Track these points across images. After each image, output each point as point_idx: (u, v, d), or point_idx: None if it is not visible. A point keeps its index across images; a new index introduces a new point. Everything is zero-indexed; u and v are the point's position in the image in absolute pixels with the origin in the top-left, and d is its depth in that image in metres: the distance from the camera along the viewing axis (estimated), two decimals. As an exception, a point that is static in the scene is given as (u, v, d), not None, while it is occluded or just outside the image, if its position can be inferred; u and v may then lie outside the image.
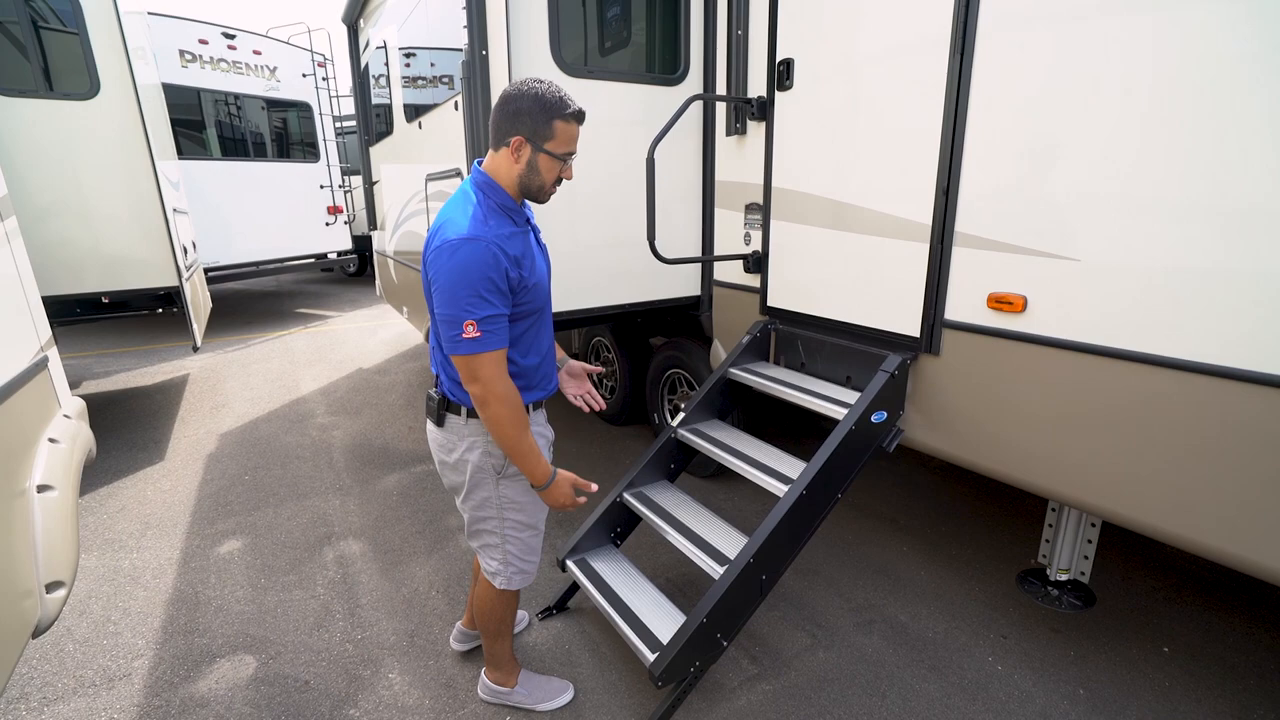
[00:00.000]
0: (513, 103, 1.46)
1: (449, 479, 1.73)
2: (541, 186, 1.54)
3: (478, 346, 1.42)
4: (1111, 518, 1.72)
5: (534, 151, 1.49)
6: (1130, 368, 1.57)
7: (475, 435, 1.63)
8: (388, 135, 4.65)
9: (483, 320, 1.41)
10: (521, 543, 1.75)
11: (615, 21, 2.88)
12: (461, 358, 1.44)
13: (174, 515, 3.13)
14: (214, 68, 7.10)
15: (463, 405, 1.61)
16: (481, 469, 1.65)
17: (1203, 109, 1.39)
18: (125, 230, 4.09)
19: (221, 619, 2.36)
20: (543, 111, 1.46)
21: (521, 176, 1.51)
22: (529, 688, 1.97)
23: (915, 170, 2.00)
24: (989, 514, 3.03)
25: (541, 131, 1.47)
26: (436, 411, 1.66)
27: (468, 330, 1.40)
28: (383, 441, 4.06)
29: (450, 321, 1.42)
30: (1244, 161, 1.34)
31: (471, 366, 1.44)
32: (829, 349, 2.43)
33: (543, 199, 1.59)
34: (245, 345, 6.68)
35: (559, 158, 1.51)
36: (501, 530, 1.72)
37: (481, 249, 1.40)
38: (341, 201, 8.49)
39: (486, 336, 1.42)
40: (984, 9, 1.77)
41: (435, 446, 1.73)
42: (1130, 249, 1.54)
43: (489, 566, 1.78)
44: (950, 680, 2.04)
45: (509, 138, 1.48)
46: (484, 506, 1.70)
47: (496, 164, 1.53)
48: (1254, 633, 2.23)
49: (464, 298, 1.40)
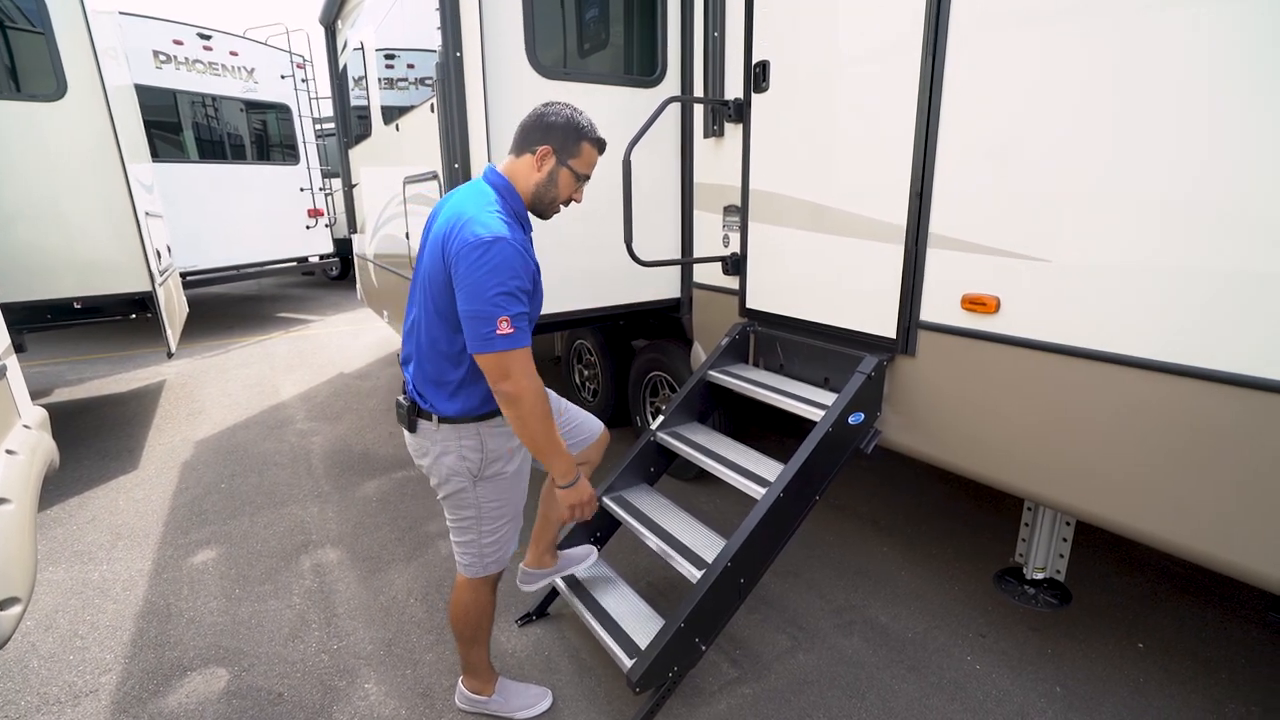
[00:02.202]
0: (547, 116, 1.53)
1: (429, 480, 1.73)
2: (554, 199, 1.59)
3: (512, 343, 1.40)
4: (1085, 516, 1.73)
5: (558, 164, 1.54)
6: (1100, 368, 1.58)
7: (448, 440, 1.61)
8: (366, 138, 4.60)
9: (515, 317, 1.40)
10: (497, 537, 1.75)
11: (593, 23, 2.87)
12: (494, 355, 1.41)
13: (146, 525, 3.07)
14: (189, 69, 6.99)
15: (433, 412, 1.59)
16: (457, 473, 1.63)
17: (1169, 111, 1.41)
18: (96, 234, 4.01)
19: (194, 631, 2.32)
20: (575, 130, 1.54)
21: (539, 185, 1.55)
22: (506, 695, 1.95)
23: (889, 172, 2.01)
24: (968, 513, 3.05)
25: (570, 147, 1.54)
26: (407, 418, 1.64)
27: (502, 327, 1.38)
28: (363, 447, 4.01)
29: (482, 319, 1.39)
30: (1211, 163, 1.36)
31: (505, 364, 1.42)
32: (807, 351, 2.43)
33: (549, 214, 1.63)
34: (224, 350, 6.58)
35: (578, 176, 1.58)
36: (479, 528, 1.72)
37: (513, 249, 1.41)
38: (322, 204, 8.39)
39: (519, 333, 1.41)
40: (955, 12, 1.78)
41: (411, 450, 1.72)
42: (1098, 250, 1.55)
43: (463, 559, 1.77)
44: (929, 680, 2.05)
45: (537, 146, 1.53)
46: (462, 508, 1.69)
47: (516, 169, 1.56)
48: (1226, 627, 2.26)
49: (497, 295, 1.38)
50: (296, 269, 8.61)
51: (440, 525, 3.01)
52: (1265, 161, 1.28)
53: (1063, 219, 1.61)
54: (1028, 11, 1.63)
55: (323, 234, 8.43)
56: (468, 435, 1.60)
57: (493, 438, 1.62)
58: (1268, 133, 1.28)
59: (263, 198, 7.79)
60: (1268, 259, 1.30)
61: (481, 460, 1.62)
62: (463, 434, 1.60)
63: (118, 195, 3.97)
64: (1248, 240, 1.32)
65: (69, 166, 3.88)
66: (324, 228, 8.43)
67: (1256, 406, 1.34)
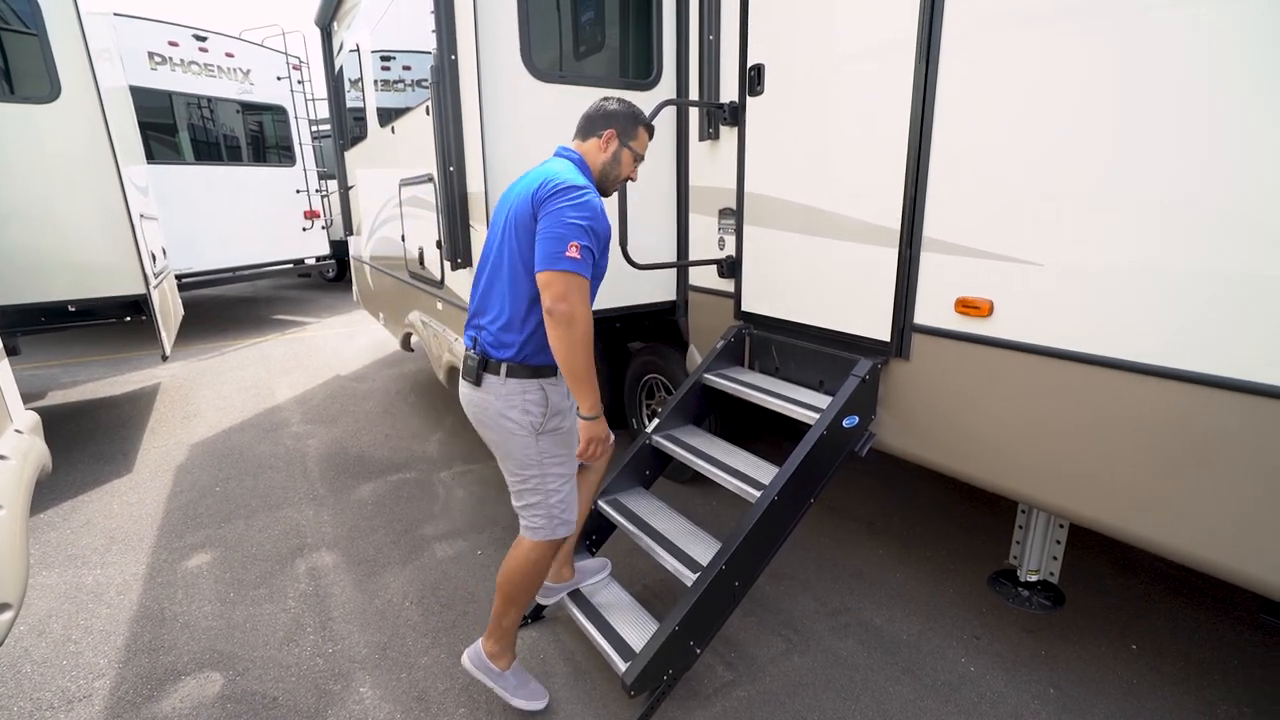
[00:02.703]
0: (608, 105, 1.79)
1: (487, 438, 1.80)
2: (617, 177, 1.82)
3: (577, 267, 1.54)
4: (1078, 519, 1.74)
5: (620, 146, 1.78)
6: (1091, 371, 1.59)
7: (513, 394, 1.70)
8: (362, 140, 4.60)
9: (584, 248, 1.55)
10: (561, 496, 1.82)
11: (589, 26, 2.88)
12: (559, 274, 1.53)
13: (141, 529, 3.06)
14: (185, 70, 6.98)
15: (502, 363, 1.69)
16: (521, 426, 1.72)
17: (1161, 115, 1.42)
18: (90, 237, 4.00)
19: (188, 635, 2.31)
20: (633, 116, 1.80)
21: (605, 165, 1.78)
22: (517, 677, 1.95)
23: (883, 175, 2.02)
24: (963, 515, 3.05)
25: (629, 131, 1.79)
26: (475, 372, 1.73)
27: (571, 250, 1.53)
28: (359, 450, 4.00)
29: (557, 239, 1.54)
30: (1202, 168, 1.37)
31: (567, 283, 1.54)
32: (802, 354, 2.44)
33: (611, 190, 1.84)
34: (220, 353, 6.56)
35: (635, 156, 1.83)
36: (544, 486, 1.78)
37: (600, 204, 1.64)
38: (318, 206, 8.38)
39: (584, 262, 1.55)
40: (948, 16, 1.79)
41: (472, 408, 1.78)
42: (1089, 254, 1.56)
43: (533, 523, 1.81)
44: (924, 682, 2.05)
45: (602, 130, 1.77)
46: (525, 464, 1.76)
47: (585, 150, 1.79)
48: (1218, 629, 2.28)
49: (576, 226, 1.55)
50: (292, 271, 8.59)
51: (436, 528, 3.01)
52: (1256, 166, 1.29)
53: (1054, 223, 1.62)
54: (1019, 16, 1.63)
55: (319, 236, 8.42)
56: (531, 389, 1.71)
57: (554, 391, 1.74)
58: (1258, 138, 1.29)
59: (258, 199, 7.78)
60: (1256, 263, 1.31)
61: (544, 413, 1.72)
62: (527, 388, 1.70)
63: (112, 197, 3.96)
64: (1236, 246, 1.33)
65: (63, 169, 3.87)
66: (320, 229, 8.41)
67: (1246, 410, 1.35)
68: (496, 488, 3.41)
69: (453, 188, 2.52)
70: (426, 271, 3.39)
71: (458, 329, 3.13)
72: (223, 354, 6.52)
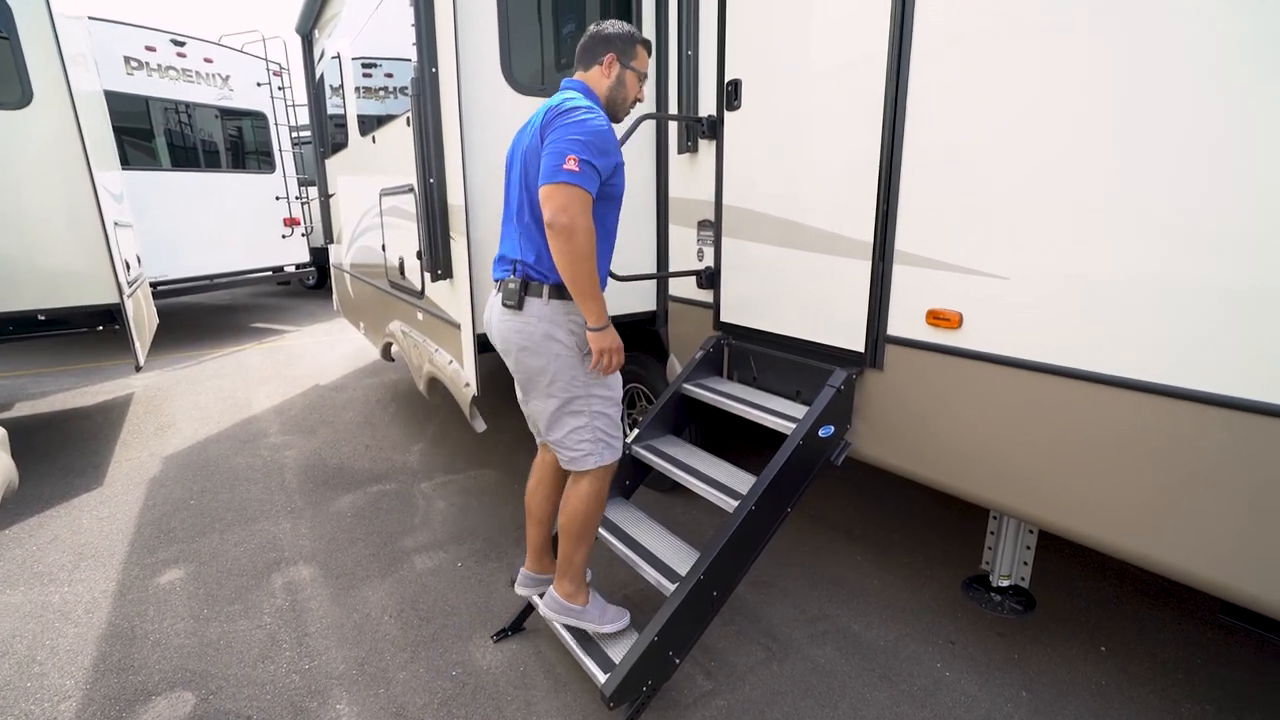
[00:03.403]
0: (604, 30, 1.81)
1: (528, 365, 1.82)
2: (625, 99, 1.86)
3: (575, 179, 1.58)
4: (1045, 526, 1.79)
5: (622, 68, 1.82)
6: (1056, 382, 1.64)
7: (556, 315, 1.75)
8: (343, 148, 4.58)
9: (584, 162, 1.58)
10: (608, 418, 1.86)
11: (569, 39, 2.90)
12: (557, 185, 1.58)
13: (111, 545, 3.00)
14: (162, 75, 6.89)
15: (544, 285, 1.74)
16: (567, 346, 1.77)
17: (1122, 132, 1.47)
18: (62, 245, 3.93)
19: (159, 654, 2.27)
20: (629, 36, 1.82)
21: (611, 89, 1.82)
22: (599, 607, 2.01)
23: (856, 189, 2.06)
24: (939, 521, 3.10)
25: (628, 51, 1.82)
26: (517, 294, 1.76)
27: (569, 163, 1.57)
28: (338, 461, 3.96)
29: (558, 154, 1.58)
30: (1161, 184, 1.42)
31: (566, 195, 1.58)
32: (779, 364, 2.47)
33: (621, 115, 1.88)
34: (196, 362, 6.46)
35: (639, 75, 1.86)
36: (589, 408, 1.82)
37: (606, 125, 1.68)
38: (299, 213, 8.30)
39: (584, 175, 1.59)
40: (917, 34, 1.84)
41: (514, 334, 1.80)
42: (1052, 268, 1.61)
43: (578, 450, 1.85)
44: (900, 688, 2.08)
45: (602, 55, 1.80)
46: (570, 386, 1.79)
47: (589, 78, 1.82)
48: (1183, 629, 2.34)
49: (578, 140, 1.59)
50: (272, 278, 8.49)
51: (416, 540, 2.99)
52: (1212, 181, 1.35)
53: (1018, 237, 1.67)
54: (985, 34, 1.69)
55: (299, 243, 8.33)
56: (574, 310, 1.76)
57: None
58: (1215, 153, 1.34)
59: (237, 206, 7.68)
60: (1215, 275, 1.36)
61: (586, 331, 1.76)
62: (570, 309, 1.76)
63: (85, 204, 3.90)
64: (1194, 260, 1.38)
65: (34, 175, 3.80)
66: (300, 236, 8.32)
67: (1207, 421, 1.40)
68: (478, 498, 3.40)
69: (433, 199, 2.53)
70: (407, 282, 3.38)
71: (439, 339, 3.12)
72: (199, 363, 6.42)
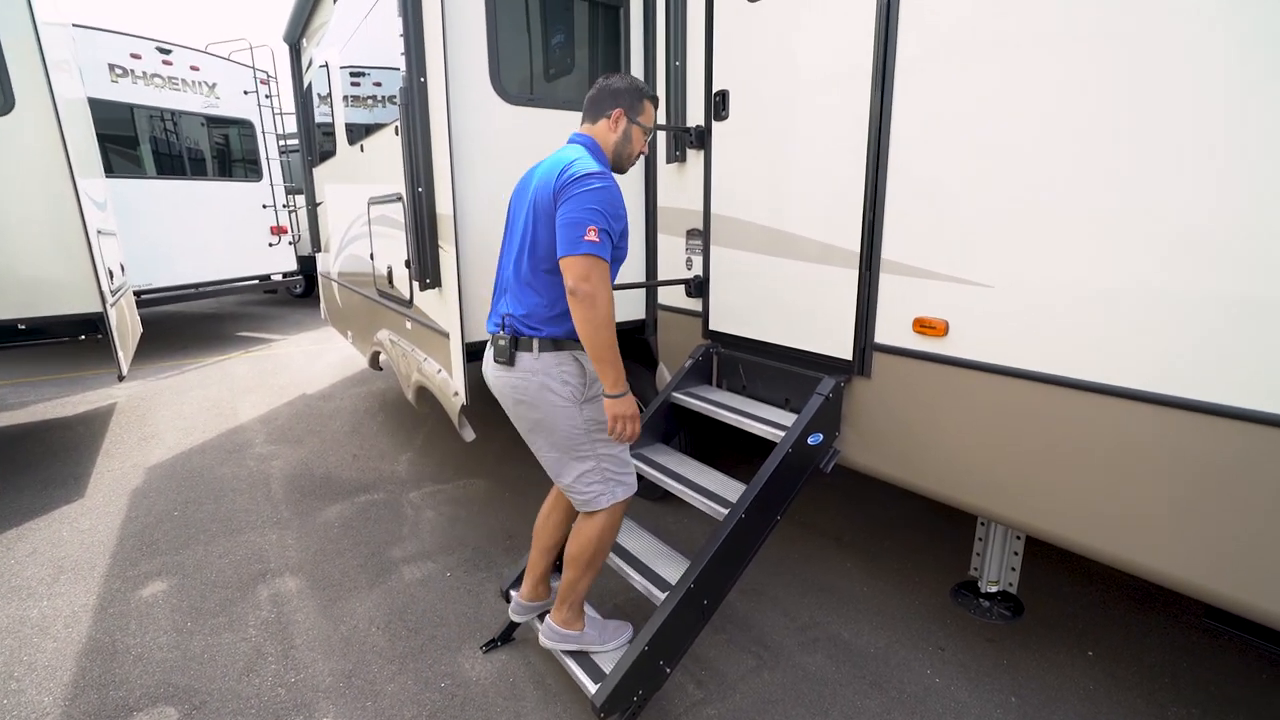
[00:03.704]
0: (611, 85, 1.83)
1: (527, 418, 1.83)
2: (630, 154, 1.88)
3: (596, 249, 1.61)
4: (1032, 531, 1.80)
5: (629, 123, 1.83)
6: (1040, 389, 1.66)
7: (549, 368, 1.77)
8: (331, 156, 4.57)
9: (602, 232, 1.62)
10: (614, 457, 1.86)
11: (557, 50, 2.92)
12: (579, 257, 1.61)
13: (92, 557, 2.94)
14: (147, 83, 6.83)
15: (534, 338, 1.75)
16: (563, 397, 1.78)
17: (1101, 143, 1.50)
18: (43, 253, 3.87)
19: (141, 668, 2.23)
20: (636, 91, 1.84)
21: (617, 144, 1.84)
22: (597, 629, 2.01)
23: (843, 199, 2.09)
24: (929, 527, 3.12)
25: (636, 106, 1.83)
26: (508, 352, 1.77)
27: (589, 234, 1.60)
28: (325, 471, 3.92)
29: (576, 225, 1.61)
30: (1141, 194, 1.45)
31: (588, 265, 1.61)
32: (768, 372, 2.48)
33: (626, 167, 1.90)
34: (180, 371, 6.38)
35: (645, 130, 1.88)
36: (594, 451, 1.82)
37: (616, 190, 1.69)
38: (286, 221, 8.24)
39: (603, 245, 1.62)
40: (901, 47, 1.87)
41: (508, 389, 1.82)
42: (1035, 277, 1.64)
43: (588, 493, 1.85)
44: (891, 695, 2.08)
45: (610, 110, 1.81)
46: (572, 435, 1.79)
47: (596, 133, 1.84)
48: (1169, 633, 2.36)
49: (595, 211, 1.62)
50: (259, 287, 8.42)
51: (405, 550, 2.96)
52: (1193, 191, 1.38)
53: (1001, 246, 1.70)
54: (967, 47, 1.72)
55: (286, 251, 8.27)
56: (566, 360, 1.77)
57: (588, 360, 1.77)
58: (1196, 163, 1.37)
59: (224, 214, 7.62)
60: (1195, 283, 1.39)
61: (584, 382, 1.79)
62: (562, 360, 1.77)
63: (67, 212, 3.85)
64: (1174, 268, 1.41)
65: (16, 182, 3.74)
66: (288, 245, 8.27)
67: (1191, 428, 1.42)
68: (467, 507, 3.38)
69: (421, 208, 2.52)
70: (395, 290, 3.36)
71: (427, 348, 3.11)
72: (183, 372, 6.34)
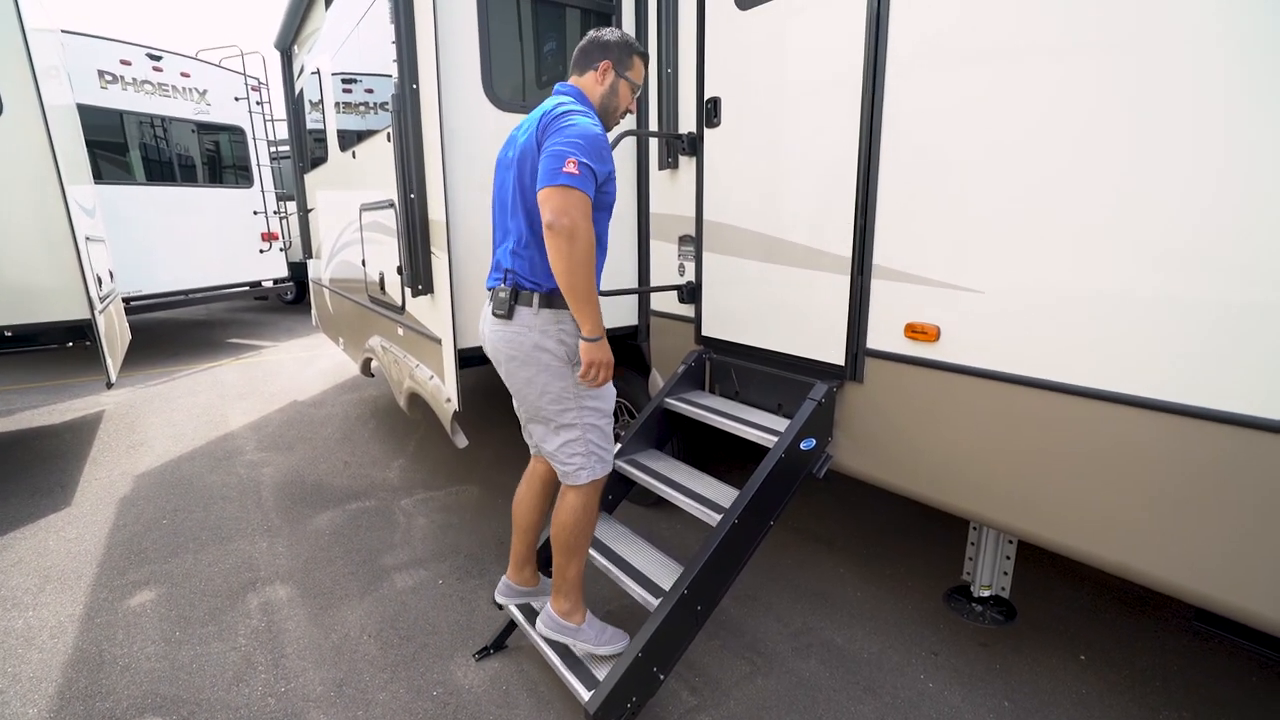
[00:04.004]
0: (602, 37, 1.81)
1: (518, 375, 1.81)
2: (616, 108, 1.86)
3: (575, 181, 1.56)
4: (1023, 536, 1.81)
5: (617, 76, 1.81)
6: (1031, 393, 1.67)
7: (546, 324, 1.73)
8: (323, 162, 4.56)
9: (583, 164, 1.58)
10: (599, 430, 1.84)
11: (549, 56, 2.93)
12: (558, 189, 1.56)
13: (79, 566, 2.91)
14: (137, 89, 6.81)
15: (535, 293, 1.73)
16: (557, 357, 1.76)
17: (1087, 151, 1.52)
18: (31, 259, 3.85)
19: (128, 679, 2.20)
20: (627, 46, 1.82)
21: (604, 96, 1.82)
22: (595, 628, 1.97)
23: (834, 205, 2.10)
24: (921, 531, 3.13)
25: (625, 61, 1.82)
26: (507, 304, 1.76)
27: (568, 165, 1.56)
28: (316, 478, 3.89)
29: (557, 156, 1.57)
30: (1128, 201, 1.47)
31: (566, 197, 1.56)
32: (761, 378, 2.49)
33: (612, 123, 1.87)
34: (170, 378, 6.32)
35: (633, 86, 1.85)
36: (581, 420, 1.80)
37: (602, 131, 1.68)
38: (277, 228, 8.21)
39: (583, 178, 1.58)
40: (891, 54, 1.89)
41: (503, 344, 1.79)
42: (1025, 282, 1.65)
43: (570, 465, 1.83)
44: (884, 701, 2.08)
45: (598, 62, 1.79)
46: (561, 398, 1.78)
47: (583, 84, 1.82)
48: (1160, 636, 2.38)
49: (577, 145, 1.59)
50: (249, 293, 8.37)
51: (396, 558, 2.94)
52: (1181, 198, 1.40)
53: (992, 252, 1.71)
54: (955, 56, 1.74)
55: (277, 258, 8.24)
56: (565, 319, 1.75)
57: None
58: (1183, 171, 1.39)
59: (214, 221, 7.59)
60: (1181, 288, 1.40)
61: (578, 344, 1.73)
62: (561, 317, 1.75)
63: (56, 219, 3.83)
64: (1160, 273, 1.43)
65: (4, 188, 3.72)
66: (279, 251, 8.23)
67: (1181, 432, 1.43)
68: (459, 514, 3.36)
69: (414, 214, 2.52)
70: (387, 297, 3.35)
71: (419, 354, 3.10)
72: (173, 379, 6.29)
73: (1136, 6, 1.40)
